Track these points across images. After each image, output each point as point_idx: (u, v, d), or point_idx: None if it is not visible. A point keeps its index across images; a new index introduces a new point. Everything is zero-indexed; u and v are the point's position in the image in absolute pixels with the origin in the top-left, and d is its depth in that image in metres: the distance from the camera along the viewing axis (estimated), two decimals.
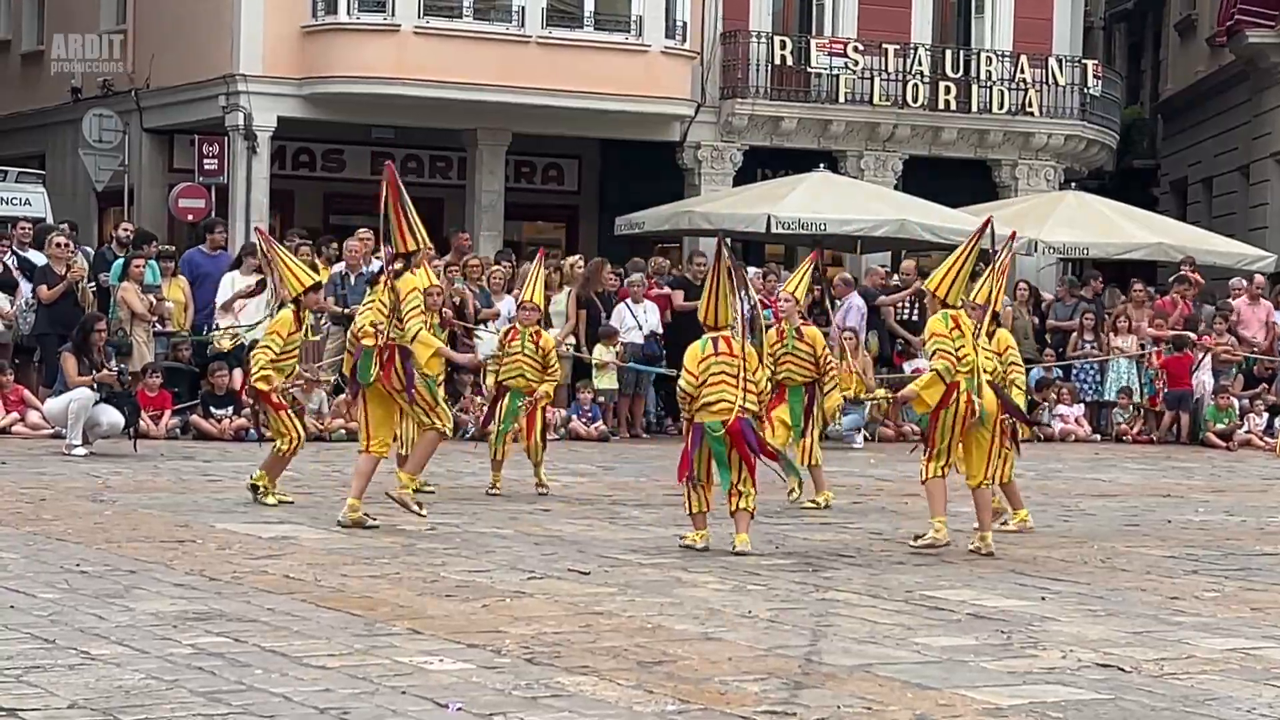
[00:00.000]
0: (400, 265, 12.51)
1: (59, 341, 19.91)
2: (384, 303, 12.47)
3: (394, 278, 12.48)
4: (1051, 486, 17.86)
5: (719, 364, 11.46)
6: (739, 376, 11.44)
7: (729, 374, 11.45)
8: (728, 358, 11.47)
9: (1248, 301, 26.82)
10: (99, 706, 6.63)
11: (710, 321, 11.67)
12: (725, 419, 11.40)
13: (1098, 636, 8.72)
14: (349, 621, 8.58)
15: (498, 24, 29.58)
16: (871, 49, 31.97)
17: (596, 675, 7.43)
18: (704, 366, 11.47)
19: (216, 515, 13.01)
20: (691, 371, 11.52)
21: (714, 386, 11.45)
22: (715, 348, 11.53)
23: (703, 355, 11.52)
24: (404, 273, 12.51)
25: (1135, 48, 47.48)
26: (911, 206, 29.46)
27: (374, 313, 12.50)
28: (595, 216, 33.93)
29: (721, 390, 11.45)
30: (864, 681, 7.46)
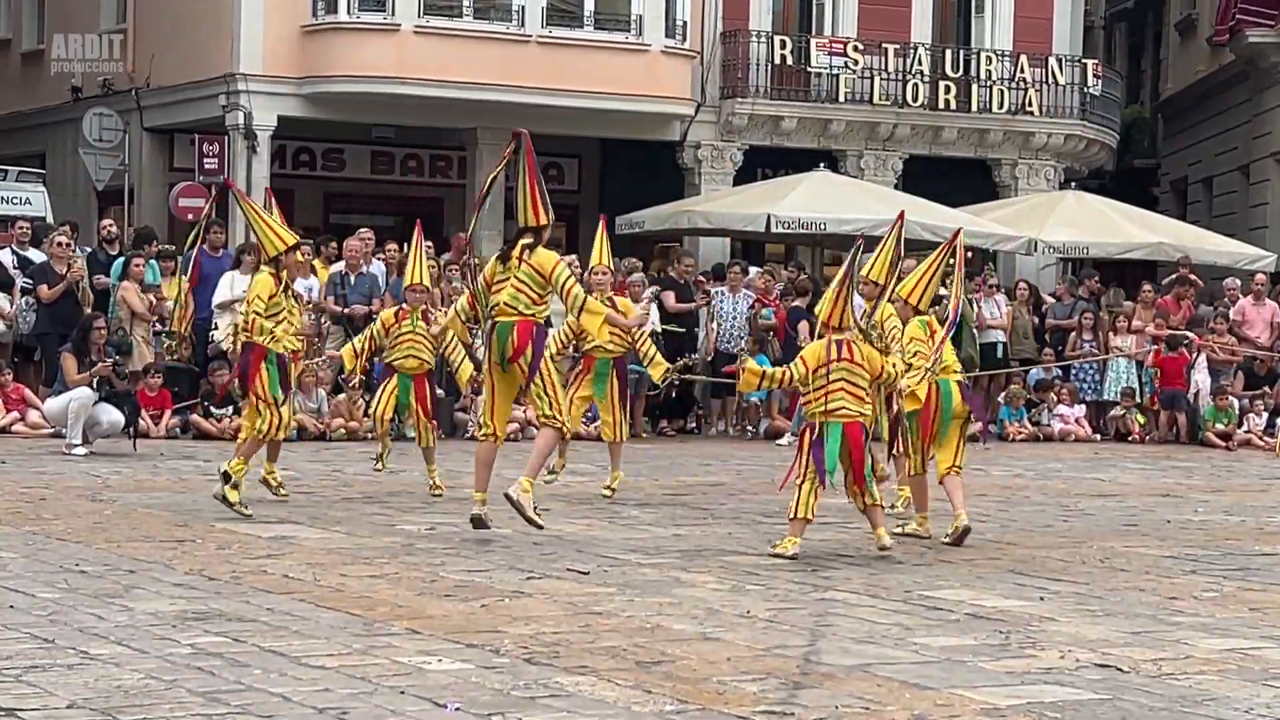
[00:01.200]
0: (531, 240, 11.97)
1: (59, 341, 19.94)
2: (521, 279, 11.89)
3: (527, 253, 11.92)
4: (1050, 486, 17.87)
5: (840, 369, 11.48)
6: (858, 383, 11.53)
7: (849, 380, 11.50)
8: (849, 364, 11.51)
9: (1252, 301, 26.82)
10: (98, 706, 6.64)
11: (834, 324, 11.67)
12: (845, 423, 11.47)
13: (1096, 636, 8.72)
14: (348, 621, 8.58)
15: (498, 23, 29.61)
16: (871, 48, 31.99)
17: (595, 675, 7.43)
18: (823, 371, 11.49)
19: (216, 515, 13.00)
20: (808, 367, 11.53)
21: (835, 392, 11.48)
22: (839, 353, 11.53)
23: (825, 359, 11.53)
24: (536, 247, 11.99)
25: (1135, 47, 47.50)
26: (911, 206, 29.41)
27: (510, 291, 11.89)
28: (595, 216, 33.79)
29: (843, 397, 11.48)
30: (862, 681, 7.46)
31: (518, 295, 11.87)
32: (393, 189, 33.27)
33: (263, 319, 13.27)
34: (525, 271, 11.89)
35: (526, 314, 11.87)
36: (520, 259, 11.92)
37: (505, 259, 11.98)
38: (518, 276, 11.91)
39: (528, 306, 11.88)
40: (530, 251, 11.94)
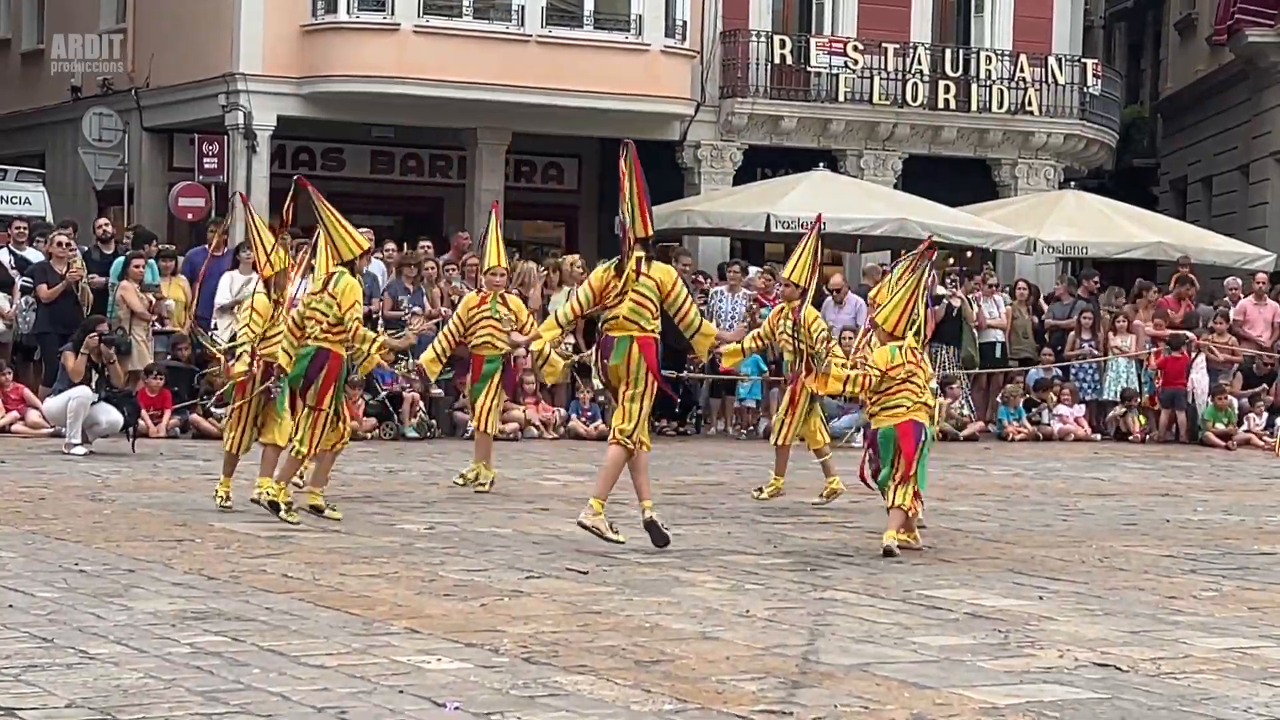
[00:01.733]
0: (642, 252, 11.70)
1: (59, 341, 19.95)
2: (641, 292, 11.59)
3: (644, 265, 11.65)
4: (1050, 486, 17.87)
5: (905, 373, 11.78)
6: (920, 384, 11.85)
7: (912, 383, 11.81)
8: (914, 366, 11.83)
9: (1254, 301, 26.82)
10: (97, 706, 6.64)
11: (899, 332, 11.94)
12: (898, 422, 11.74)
13: (1095, 636, 8.72)
14: (347, 621, 8.59)
15: (497, 23, 29.61)
16: (871, 48, 32.00)
17: (594, 674, 7.43)
18: (894, 374, 11.76)
19: (215, 514, 13.01)
20: (880, 370, 11.77)
21: (894, 395, 11.77)
22: (905, 356, 11.83)
23: (894, 362, 11.79)
24: (652, 260, 11.81)
25: (1135, 47, 47.50)
26: (911, 205, 29.48)
27: (630, 305, 11.60)
28: (595, 215, 33.96)
29: (901, 397, 11.77)
30: (861, 681, 7.46)
31: (639, 310, 11.58)
32: (392, 189, 33.28)
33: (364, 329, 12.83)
34: (645, 285, 11.60)
35: (647, 329, 11.63)
36: (638, 271, 11.61)
37: (621, 271, 11.61)
38: (636, 290, 11.59)
39: (648, 321, 11.63)
40: (648, 264, 11.69)
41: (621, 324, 11.57)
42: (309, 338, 12.47)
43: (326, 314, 12.49)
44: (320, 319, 12.51)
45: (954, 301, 25.35)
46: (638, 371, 11.55)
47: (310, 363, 12.48)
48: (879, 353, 12.01)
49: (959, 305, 25.35)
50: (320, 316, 12.51)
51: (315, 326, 12.53)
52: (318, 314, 12.54)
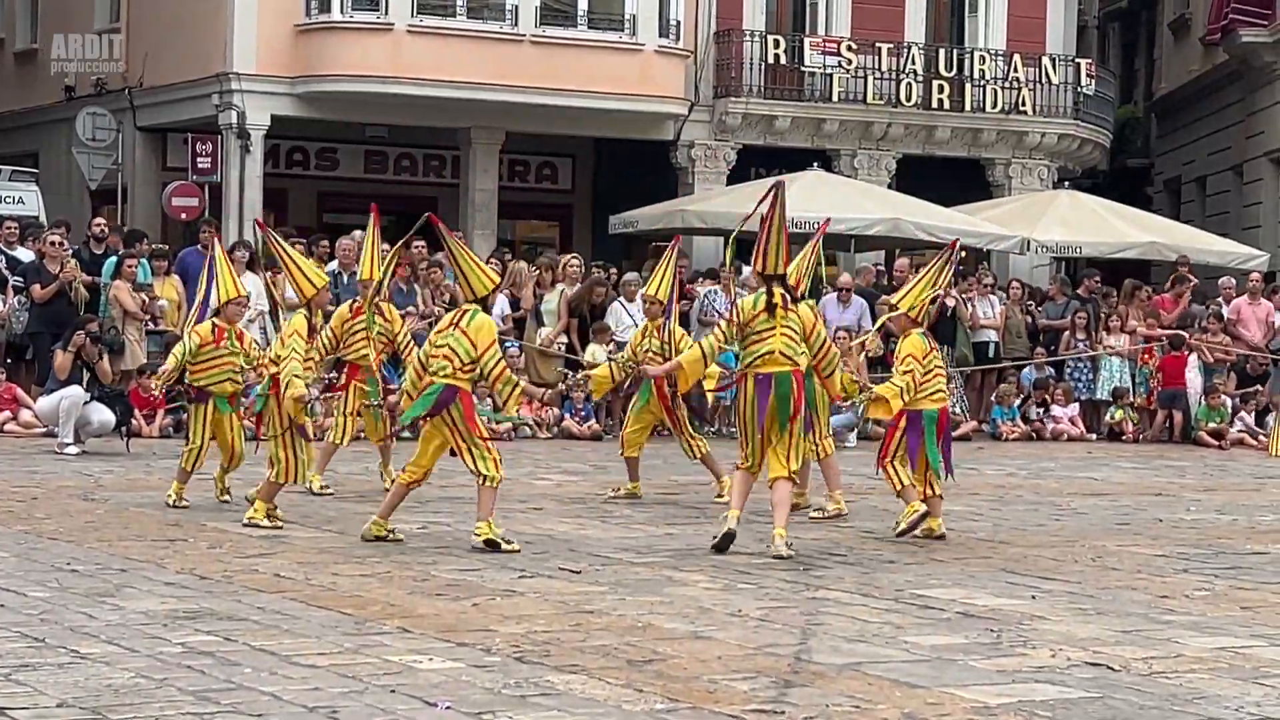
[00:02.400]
0: (783, 288, 11.89)
1: (51, 340, 19.92)
2: (791, 327, 11.76)
3: (788, 302, 11.84)
4: (1043, 485, 17.88)
5: (936, 358, 12.51)
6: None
7: (939, 367, 12.62)
8: (936, 354, 12.58)
9: (1248, 301, 26.84)
10: (88, 705, 6.64)
11: (920, 319, 12.65)
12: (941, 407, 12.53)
13: (1087, 635, 8.73)
14: (339, 620, 8.58)
15: (491, 22, 29.59)
16: (865, 48, 31.99)
17: (586, 674, 7.43)
18: (929, 360, 12.43)
19: (208, 514, 13.01)
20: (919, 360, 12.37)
21: (932, 379, 12.47)
22: (929, 343, 12.53)
23: (927, 349, 12.46)
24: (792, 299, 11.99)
25: (1129, 47, 47.52)
26: (905, 205, 29.48)
27: (784, 339, 11.74)
28: (589, 215, 33.96)
29: (938, 381, 12.54)
30: (853, 680, 7.46)
31: (792, 345, 11.80)
32: (386, 188, 33.23)
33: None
34: (793, 320, 11.82)
35: (800, 363, 11.88)
36: (785, 308, 11.81)
37: (771, 309, 11.79)
38: (786, 324, 11.79)
39: (800, 355, 11.89)
40: (792, 301, 11.93)
41: (778, 359, 11.73)
42: (436, 374, 11.45)
43: (458, 351, 11.44)
44: (451, 356, 11.44)
45: (948, 301, 25.34)
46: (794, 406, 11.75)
47: (435, 400, 11.44)
48: (912, 341, 12.52)
49: (953, 305, 25.35)
50: (451, 354, 11.45)
51: (445, 364, 11.42)
52: (448, 350, 11.49)
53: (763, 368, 11.69)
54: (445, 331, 11.56)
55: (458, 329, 11.47)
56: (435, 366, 11.45)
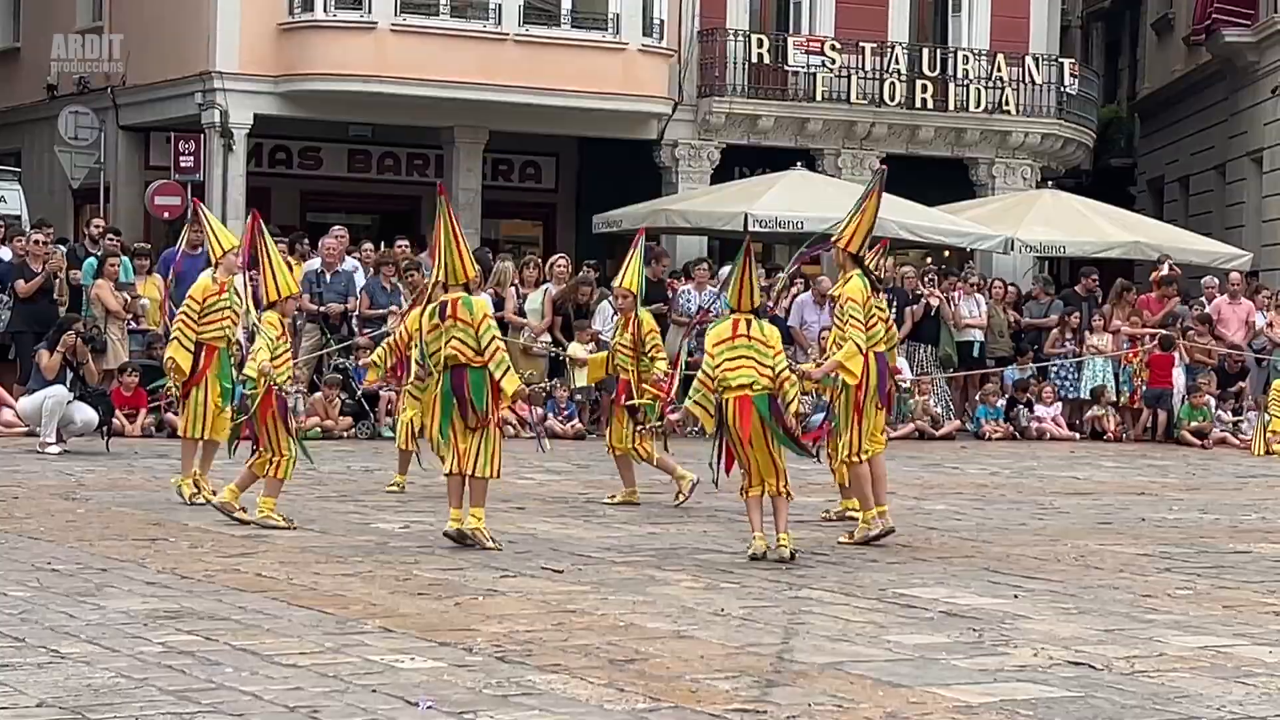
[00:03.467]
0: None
1: (34, 340, 19.87)
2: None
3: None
4: (1026, 484, 17.88)
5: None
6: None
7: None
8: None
9: (1228, 300, 26.88)
10: (68, 705, 6.61)
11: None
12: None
13: (1069, 634, 8.73)
14: (320, 620, 8.56)
15: (475, 22, 29.55)
16: (849, 47, 31.98)
17: (568, 673, 7.42)
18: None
19: (190, 513, 12.97)
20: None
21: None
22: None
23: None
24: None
25: (1112, 47, 47.57)
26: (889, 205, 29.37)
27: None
28: (572, 214, 33.92)
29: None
30: (835, 679, 7.46)
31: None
32: (370, 187, 33.21)
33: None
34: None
35: None
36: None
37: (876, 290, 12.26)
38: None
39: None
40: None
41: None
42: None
43: (467, 343, 11.51)
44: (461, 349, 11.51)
45: (932, 301, 25.36)
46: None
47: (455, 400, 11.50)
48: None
49: (937, 304, 25.36)
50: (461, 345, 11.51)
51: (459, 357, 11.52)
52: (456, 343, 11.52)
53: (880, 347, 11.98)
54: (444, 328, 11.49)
55: (458, 321, 11.45)
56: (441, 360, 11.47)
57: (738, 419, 11.22)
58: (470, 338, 11.49)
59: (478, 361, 11.47)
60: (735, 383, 11.24)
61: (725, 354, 11.30)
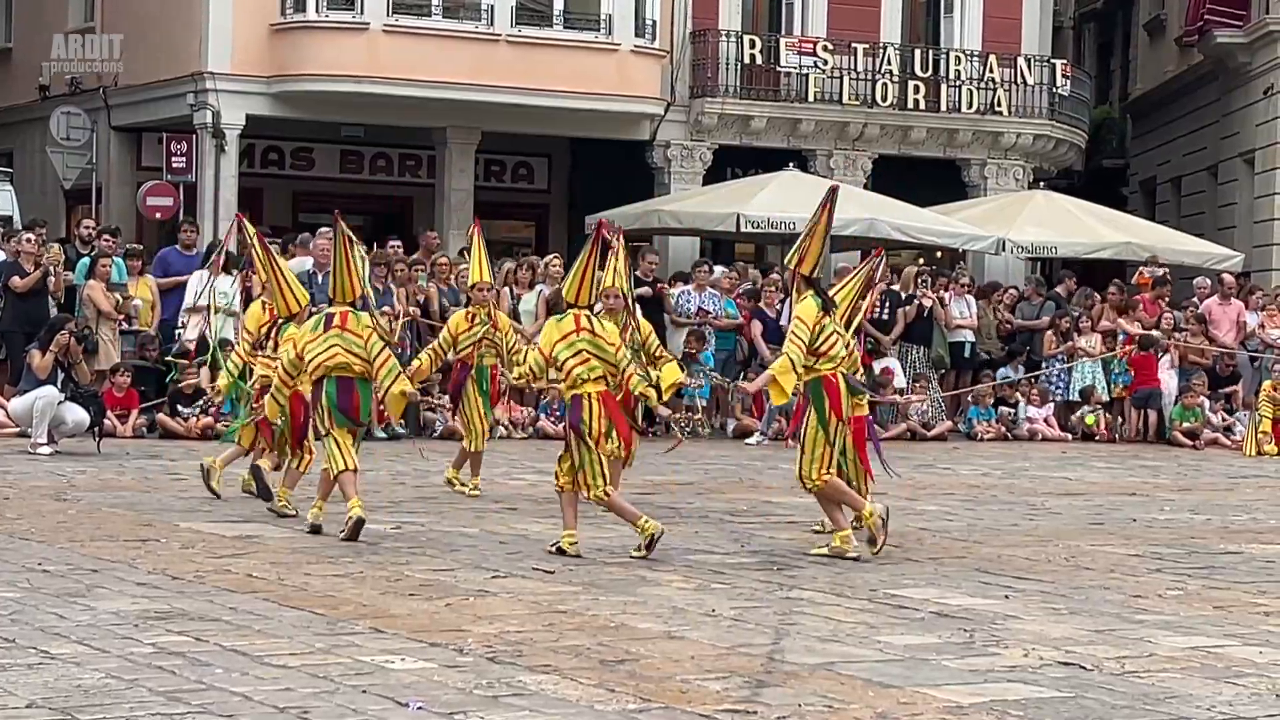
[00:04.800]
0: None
1: (24, 340, 19.83)
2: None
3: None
4: (1018, 485, 17.89)
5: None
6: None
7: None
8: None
9: (1218, 301, 26.90)
10: (57, 706, 6.60)
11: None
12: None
13: (1060, 635, 8.73)
14: (311, 620, 8.56)
15: (467, 22, 29.54)
16: (841, 48, 32.00)
17: (558, 674, 7.42)
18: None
19: (181, 514, 12.96)
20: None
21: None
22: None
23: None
24: None
25: (1104, 47, 47.60)
26: (881, 205, 29.48)
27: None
28: (565, 215, 33.91)
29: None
30: (826, 680, 7.46)
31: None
32: (362, 188, 33.19)
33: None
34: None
35: None
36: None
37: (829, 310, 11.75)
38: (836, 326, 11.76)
39: None
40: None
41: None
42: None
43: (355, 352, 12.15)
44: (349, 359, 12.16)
45: (925, 301, 25.37)
46: None
47: None
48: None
49: (930, 305, 25.37)
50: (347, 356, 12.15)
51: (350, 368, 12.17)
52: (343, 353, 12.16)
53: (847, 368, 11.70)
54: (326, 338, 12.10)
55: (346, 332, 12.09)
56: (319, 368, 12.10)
57: (595, 414, 11.25)
58: (360, 349, 12.06)
59: (366, 372, 12.06)
60: (589, 376, 11.30)
61: (566, 350, 11.33)
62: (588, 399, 11.24)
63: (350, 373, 12.07)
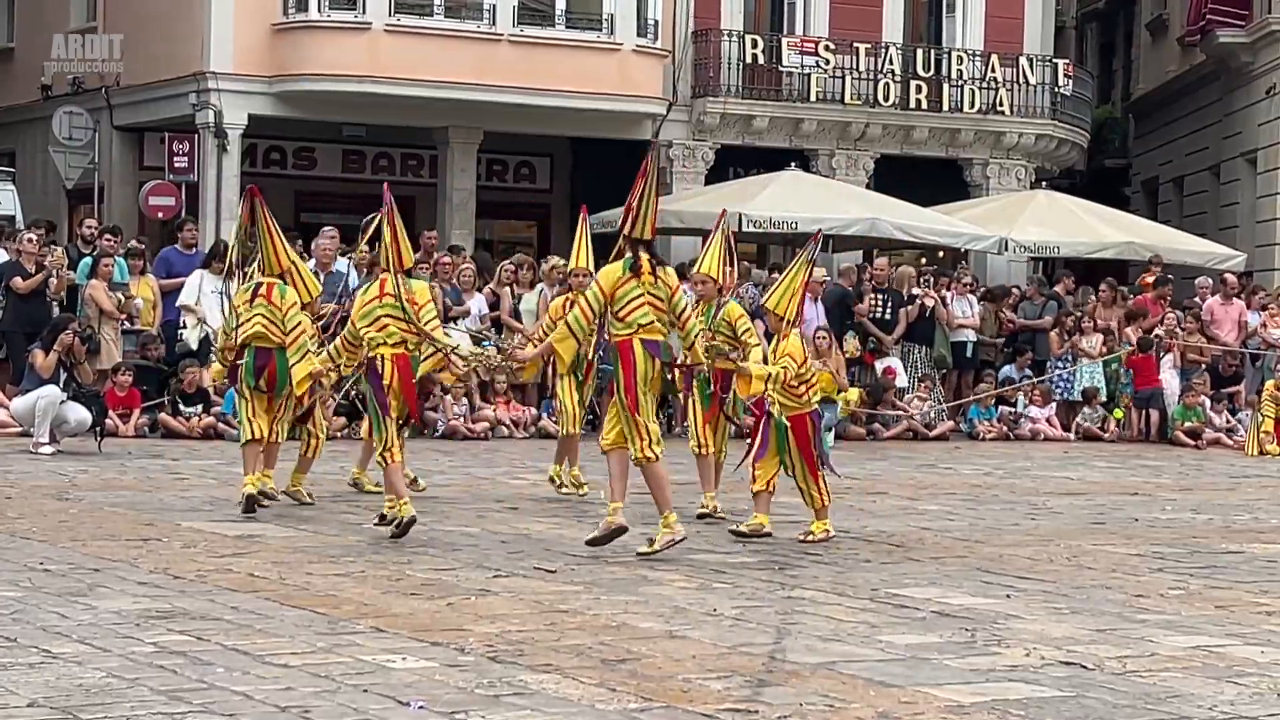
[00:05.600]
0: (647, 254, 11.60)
1: (25, 340, 19.84)
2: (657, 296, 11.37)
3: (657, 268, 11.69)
4: (1019, 485, 17.89)
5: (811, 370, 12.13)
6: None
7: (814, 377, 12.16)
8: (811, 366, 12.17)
9: (1220, 301, 26.90)
10: (58, 705, 6.60)
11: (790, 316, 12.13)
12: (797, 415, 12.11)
13: (1062, 634, 8.73)
14: (312, 620, 8.55)
15: (469, 22, 29.56)
16: (843, 48, 32.01)
17: (560, 673, 7.41)
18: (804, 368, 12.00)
19: (182, 513, 12.96)
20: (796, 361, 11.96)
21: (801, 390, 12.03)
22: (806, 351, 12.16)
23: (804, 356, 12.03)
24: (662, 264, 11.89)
25: (1106, 47, 47.60)
26: (883, 205, 29.50)
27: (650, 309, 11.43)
28: (567, 215, 33.85)
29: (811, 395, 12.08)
30: (827, 679, 7.45)
31: (660, 314, 11.29)
32: (364, 188, 33.14)
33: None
34: (661, 288, 11.28)
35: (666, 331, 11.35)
36: (653, 274, 11.27)
37: (638, 271, 11.22)
38: (654, 292, 11.27)
39: (667, 324, 11.33)
40: (660, 267, 11.39)
41: (655, 328, 11.27)
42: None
43: (273, 322, 13.13)
44: (268, 329, 13.13)
45: (927, 301, 25.37)
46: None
47: None
48: (792, 343, 12.03)
49: (932, 305, 25.37)
50: (267, 326, 13.13)
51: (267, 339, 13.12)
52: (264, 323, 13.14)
53: (649, 334, 11.24)
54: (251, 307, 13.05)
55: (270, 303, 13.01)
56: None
57: (397, 375, 11.85)
58: (278, 320, 12.97)
59: (282, 342, 12.98)
60: (389, 341, 11.91)
61: (365, 319, 11.96)
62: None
63: (268, 343, 12.95)
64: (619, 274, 11.23)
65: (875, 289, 25.47)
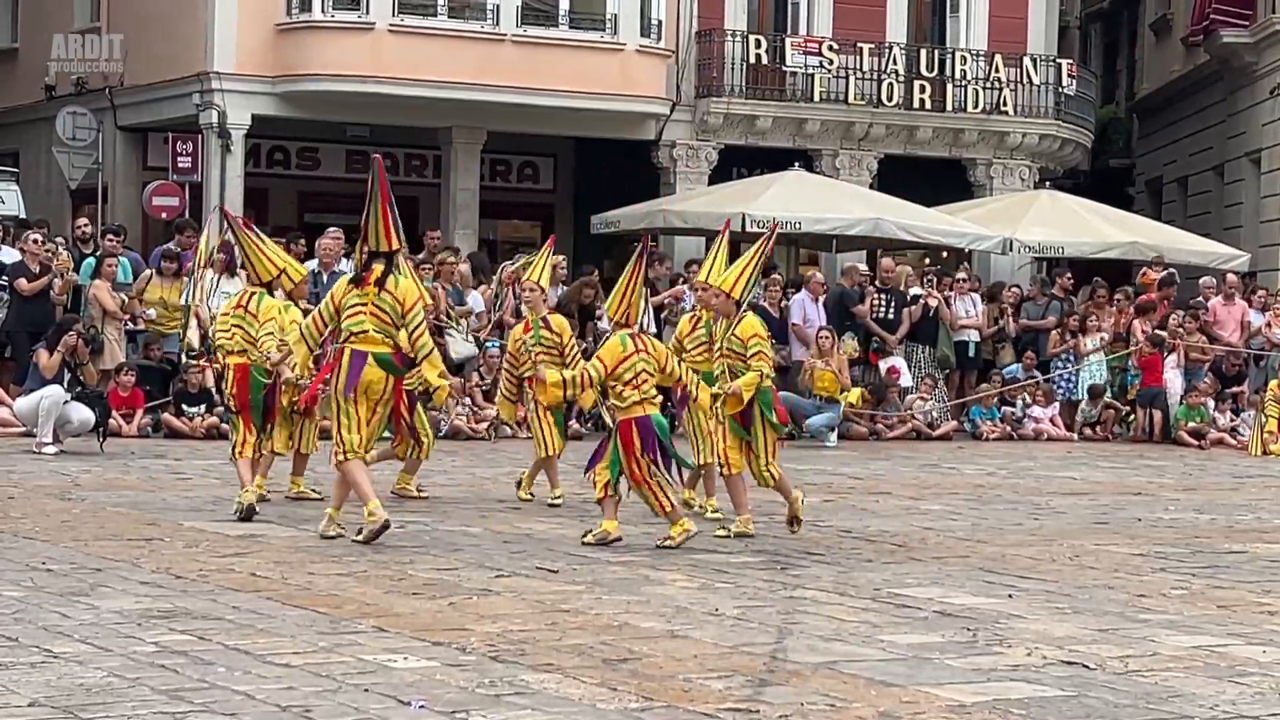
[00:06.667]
0: (382, 267, 11.84)
1: (29, 340, 19.86)
2: (383, 308, 11.63)
3: (381, 284, 11.82)
4: (1022, 485, 17.88)
5: (640, 363, 11.60)
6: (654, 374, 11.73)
7: (649, 371, 11.63)
8: (646, 355, 11.65)
9: (1223, 301, 26.89)
10: (60, 704, 6.60)
11: (621, 319, 11.82)
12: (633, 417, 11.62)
13: (1063, 634, 8.73)
14: (314, 619, 8.56)
15: (472, 22, 29.55)
16: (846, 48, 31.99)
17: (561, 673, 7.42)
18: (627, 364, 11.55)
19: (185, 513, 12.97)
20: (606, 365, 11.58)
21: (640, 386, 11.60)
22: (637, 344, 11.67)
23: (626, 352, 11.59)
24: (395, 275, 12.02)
25: (1110, 47, 47.59)
26: (886, 205, 29.49)
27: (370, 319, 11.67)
28: (570, 215, 33.91)
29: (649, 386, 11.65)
30: (829, 679, 7.45)
31: (385, 326, 11.55)
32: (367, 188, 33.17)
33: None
34: (386, 300, 11.52)
35: (398, 343, 11.57)
36: (379, 286, 11.54)
37: (360, 282, 11.59)
38: (379, 304, 11.54)
39: (395, 336, 11.55)
40: (394, 279, 11.58)
41: (371, 338, 11.49)
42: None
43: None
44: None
45: (930, 301, 25.36)
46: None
47: None
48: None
49: (935, 305, 25.37)
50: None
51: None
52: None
53: (360, 345, 11.46)
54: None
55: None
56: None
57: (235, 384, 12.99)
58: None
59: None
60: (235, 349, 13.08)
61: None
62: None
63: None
64: (344, 284, 11.86)
65: (879, 289, 25.47)
